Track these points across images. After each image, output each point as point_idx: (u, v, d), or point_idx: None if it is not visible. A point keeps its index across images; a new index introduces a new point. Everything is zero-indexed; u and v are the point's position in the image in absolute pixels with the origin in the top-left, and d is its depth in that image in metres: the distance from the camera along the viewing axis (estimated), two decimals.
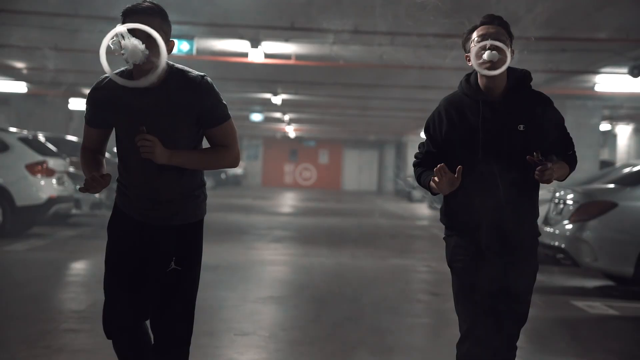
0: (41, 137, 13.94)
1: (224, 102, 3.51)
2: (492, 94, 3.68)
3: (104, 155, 3.65)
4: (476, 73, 3.72)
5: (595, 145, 18.82)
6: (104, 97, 3.46)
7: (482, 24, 3.68)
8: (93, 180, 3.38)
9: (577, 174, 18.19)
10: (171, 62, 3.47)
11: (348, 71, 16.67)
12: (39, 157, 12.44)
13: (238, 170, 39.00)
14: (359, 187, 46.14)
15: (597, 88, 17.13)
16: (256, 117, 28.04)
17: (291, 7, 10.65)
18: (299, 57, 15.09)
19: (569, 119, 18.30)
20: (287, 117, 31.35)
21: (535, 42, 11.25)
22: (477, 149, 3.64)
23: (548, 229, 9.40)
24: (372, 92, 20.15)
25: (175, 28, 13.60)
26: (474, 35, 3.68)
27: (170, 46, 3.40)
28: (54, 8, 10.77)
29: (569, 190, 9.43)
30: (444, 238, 3.84)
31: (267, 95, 22.49)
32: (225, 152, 3.52)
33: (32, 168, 12.33)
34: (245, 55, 14.39)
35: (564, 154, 3.76)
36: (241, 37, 13.34)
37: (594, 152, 18.68)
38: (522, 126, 3.65)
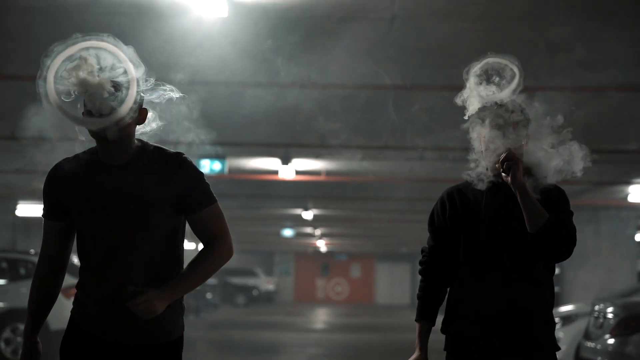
0: (75, 260, 14.03)
1: (207, 182, 2.96)
2: (498, 177, 3.28)
3: (65, 269, 3.05)
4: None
5: (631, 256, 18.50)
6: (62, 182, 2.93)
7: (498, 106, 3.28)
8: None
9: (614, 285, 17.73)
10: (145, 140, 3.00)
11: (378, 185, 16.75)
12: (73, 280, 12.48)
13: (270, 287, 38.82)
14: (392, 300, 45.56)
15: (630, 198, 17.01)
16: (287, 232, 28.12)
17: (321, 126, 10.82)
18: (329, 172, 15.23)
19: (604, 230, 18.11)
20: (318, 232, 31.38)
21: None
22: (481, 232, 3.25)
23: (589, 344, 9.14)
24: (403, 205, 20.19)
25: (207, 148, 13.77)
26: (486, 116, 3.27)
27: (142, 115, 2.93)
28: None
29: (609, 303, 9.21)
30: (446, 354, 3.38)
31: (298, 211, 22.61)
32: (217, 248, 2.92)
33: (67, 292, 12.33)
34: (275, 172, 14.56)
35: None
36: (272, 155, 13.54)
37: (631, 263, 18.35)
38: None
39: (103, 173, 2.87)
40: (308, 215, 22.60)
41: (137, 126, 2.92)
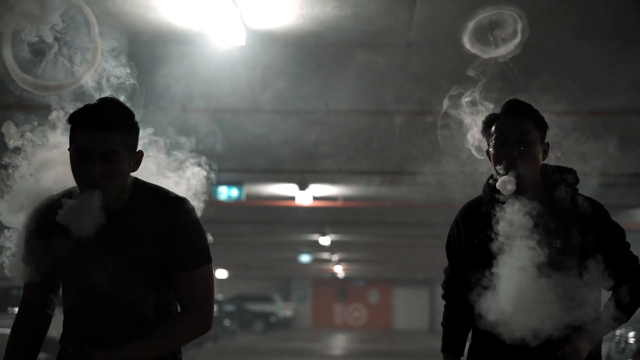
0: None
1: (207, 239, 2.56)
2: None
3: (47, 327, 2.63)
4: None
5: None
6: (46, 224, 2.51)
7: (503, 114, 2.90)
8: None
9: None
10: (143, 180, 2.60)
11: (395, 210, 16.73)
12: None
13: (287, 313, 38.71)
14: (411, 326, 45.29)
15: None
16: (305, 258, 28.10)
17: (338, 152, 10.85)
18: (346, 198, 15.24)
19: None
20: (335, 257, 31.33)
21: (584, 177, 11.20)
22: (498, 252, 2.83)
23: None
24: (420, 230, 20.14)
25: (225, 175, 13.85)
26: (493, 130, 2.90)
27: (137, 157, 2.54)
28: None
29: (630, 328, 9.11)
30: None
31: (315, 237, 22.60)
32: (196, 318, 2.50)
33: None
34: (292, 198, 14.59)
35: (621, 286, 2.79)
36: (289, 182, 13.58)
37: None
38: (558, 242, 2.76)
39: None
40: (325, 241, 22.57)
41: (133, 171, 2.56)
